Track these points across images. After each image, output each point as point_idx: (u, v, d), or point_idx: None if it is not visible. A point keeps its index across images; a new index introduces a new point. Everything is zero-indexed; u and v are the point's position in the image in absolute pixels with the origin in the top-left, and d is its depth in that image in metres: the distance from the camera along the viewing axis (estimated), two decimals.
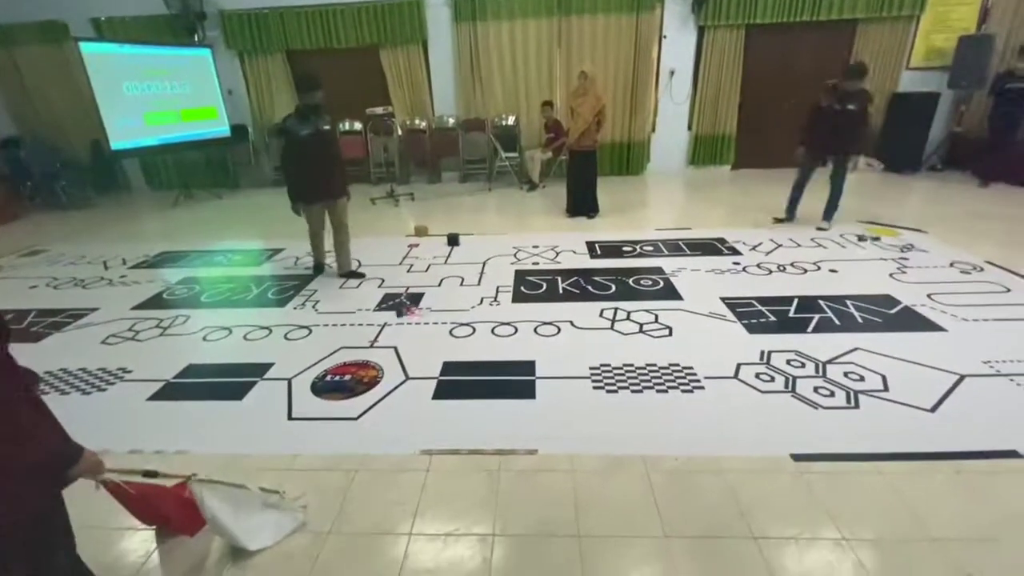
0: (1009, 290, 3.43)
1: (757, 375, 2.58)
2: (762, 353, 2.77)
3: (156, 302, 3.86)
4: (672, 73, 7.10)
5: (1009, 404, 2.32)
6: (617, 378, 2.59)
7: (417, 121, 7.42)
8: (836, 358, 2.70)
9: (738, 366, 2.65)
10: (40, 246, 5.39)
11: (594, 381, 2.57)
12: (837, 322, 3.08)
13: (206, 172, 7.81)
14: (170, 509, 1.68)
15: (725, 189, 6.64)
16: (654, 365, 2.69)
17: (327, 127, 3.69)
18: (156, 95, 6.73)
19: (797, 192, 4.96)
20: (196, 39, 7.22)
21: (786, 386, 2.48)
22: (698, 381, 2.54)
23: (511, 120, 7.31)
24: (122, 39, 6.73)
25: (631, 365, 2.70)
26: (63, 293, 4.13)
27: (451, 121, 7.40)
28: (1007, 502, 1.83)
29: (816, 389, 2.45)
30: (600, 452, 2.11)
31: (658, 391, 2.48)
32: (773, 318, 3.16)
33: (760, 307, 3.30)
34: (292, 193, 3.85)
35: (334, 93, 7.69)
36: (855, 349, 2.77)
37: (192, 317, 3.57)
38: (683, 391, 2.47)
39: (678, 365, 2.68)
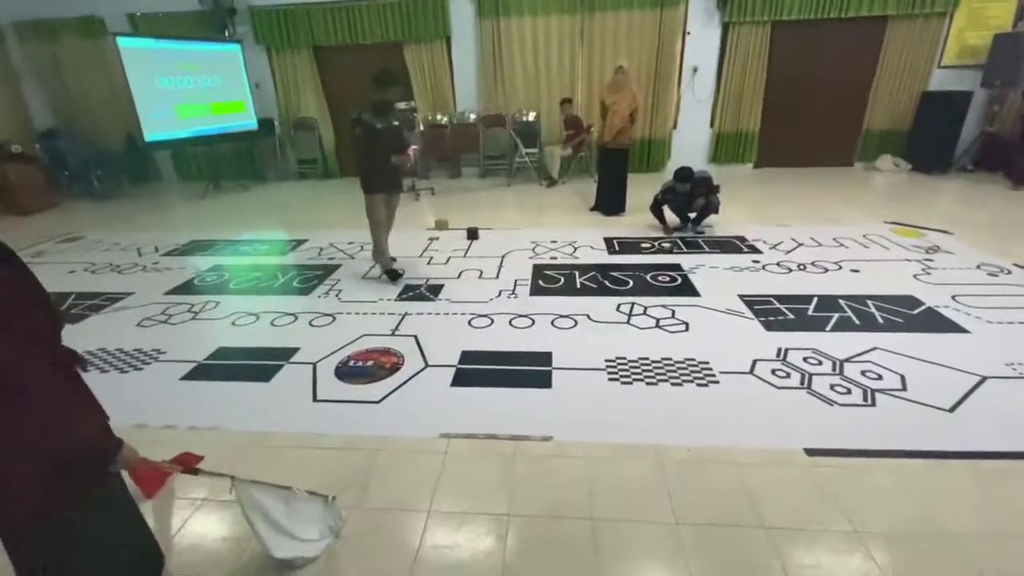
0: None
1: (773, 371, 2.59)
2: (779, 350, 2.77)
3: (187, 288, 4.01)
4: (695, 70, 7.05)
5: None
6: (632, 371, 2.63)
7: (439, 116, 7.51)
8: (854, 357, 2.69)
9: (754, 362, 2.67)
10: (77, 233, 5.62)
11: (609, 373, 2.62)
12: (857, 321, 3.06)
13: (233, 164, 8.02)
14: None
15: (747, 187, 6.58)
16: (669, 359, 2.72)
17: (396, 123, 3.76)
18: (188, 89, 6.93)
19: None
20: (227, 34, 7.41)
21: (802, 383, 2.49)
22: (713, 376, 2.57)
23: (532, 116, 7.34)
24: (156, 34, 6.94)
25: (646, 359, 2.73)
26: (100, 278, 4.31)
27: (472, 117, 7.47)
28: (1023, 501, 1.83)
29: (832, 386, 2.45)
30: (613, 440, 2.16)
31: (673, 384, 2.51)
32: (791, 316, 3.15)
33: (778, 305, 3.30)
34: (363, 183, 3.82)
35: (358, 88, 7.86)
36: (874, 348, 2.76)
37: (222, 303, 3.71)
38: (698, 385, 2.50)
39: (694, 360, 2.71)
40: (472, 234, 4.90)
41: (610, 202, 5.46)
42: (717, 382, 2.52)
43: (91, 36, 7.48)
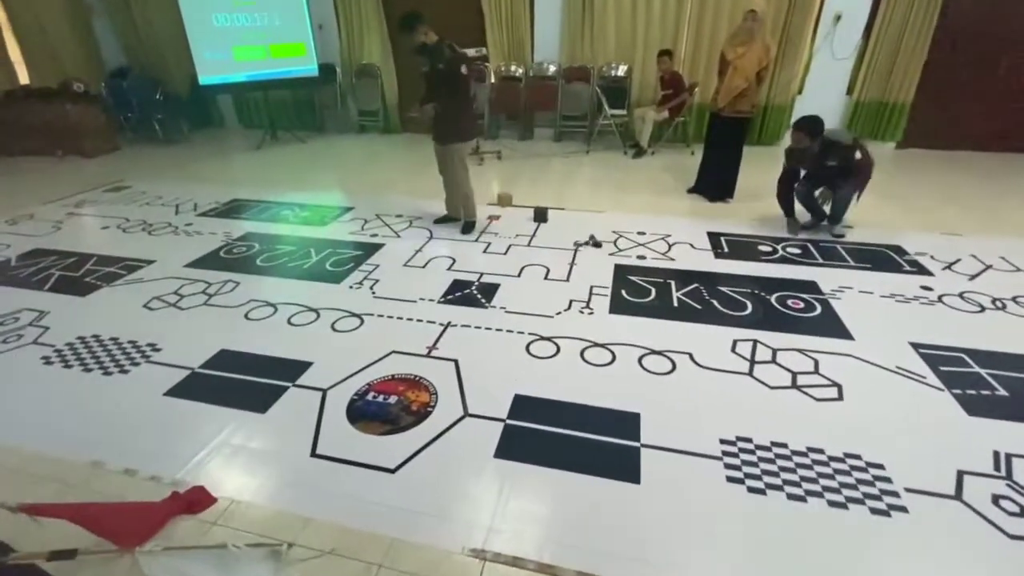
0: None
1: (995, 499, 1.64)
2: (996, 456, 1.80)
3: (210, 260, 3.50)
4: (838, 18, 5.58)
5: None
6: (763, 466, 1.77)
7: (513, 67, 6.54)
8: None
9: (960, 476, 1.73)
10: (126, 181, 5.32)
11: (728, 466, 1.77)
12: None
13: (293, 113, 7.52)
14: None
15: (891, 174, 5.21)
16: (820, 451, 1.83)
17: (442, 65, 3.37)
18: (245, 28, 6.37)
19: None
20: None
21: None
22: (895, 494, 1.66)
23: (622, 71, 6.21)
24: None
25: (783, 445, 1.86)
26: (129, 238, 3.92)
27: (552, 69, 6.44)
28: None
29: None
30: None
31: (831, 503, 1.64)
32: (1003, 391, 2.12)
33: (977, 367, 2.27)
34: None
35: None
36: None
37: (241, 284, 3.16)
38: (872, 511, 1.61)
39: (857, 457, 1.80)
40: (540, 215, 4.07)
41: (716, 184, 4.39)
42: (903, 509, 1.62)
43: None
